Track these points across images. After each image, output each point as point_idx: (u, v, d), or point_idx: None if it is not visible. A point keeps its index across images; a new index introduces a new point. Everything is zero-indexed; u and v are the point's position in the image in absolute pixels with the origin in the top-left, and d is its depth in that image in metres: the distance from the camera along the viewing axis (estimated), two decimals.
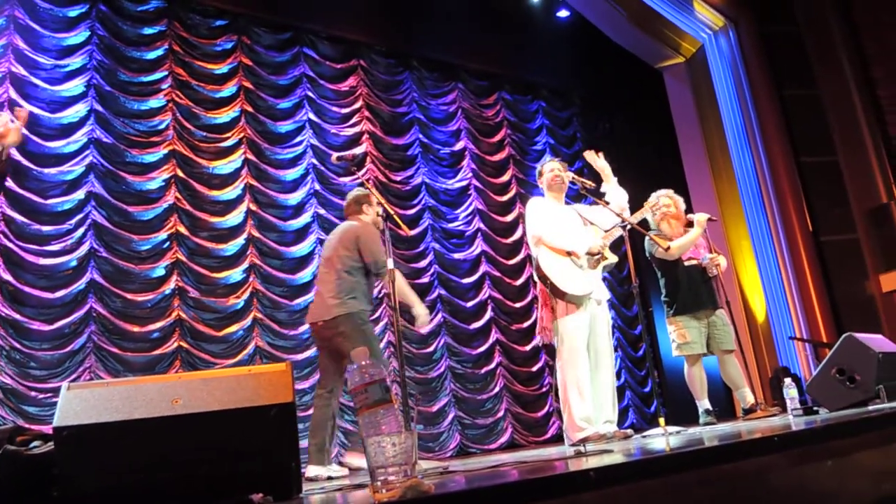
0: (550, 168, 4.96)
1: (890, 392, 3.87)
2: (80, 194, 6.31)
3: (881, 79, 9.11)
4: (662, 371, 9.39)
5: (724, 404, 7.32)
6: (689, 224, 5.65)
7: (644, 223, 5.50)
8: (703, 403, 5.33)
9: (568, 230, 4.72)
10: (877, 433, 2.34)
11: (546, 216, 4.73)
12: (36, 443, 2.05)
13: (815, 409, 4.27)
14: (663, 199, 5.71)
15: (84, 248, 6.22)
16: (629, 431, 4.73)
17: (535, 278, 4.76)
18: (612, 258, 4.80)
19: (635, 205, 5.29)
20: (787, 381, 4.59)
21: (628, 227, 4.92)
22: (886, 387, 3.88)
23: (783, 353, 8.18)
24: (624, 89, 9.89)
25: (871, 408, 3.66)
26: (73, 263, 6.16)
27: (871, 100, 8.99)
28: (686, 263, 5.47)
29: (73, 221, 6.23)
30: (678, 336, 5.41)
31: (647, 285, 9.04)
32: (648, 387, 9.38)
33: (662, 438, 3.76)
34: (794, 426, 2.76)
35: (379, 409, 1.54)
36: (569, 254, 4.59)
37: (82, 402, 1.94)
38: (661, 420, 4.62)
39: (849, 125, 8.81)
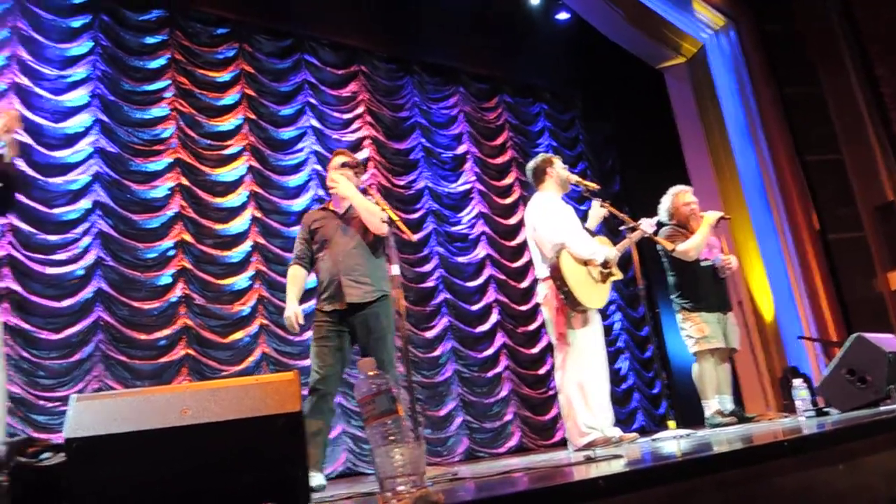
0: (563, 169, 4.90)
1: None
2: (85, 203, 6.32)
3: (884, 76, 9.08)
4: (671, 372, 9.36)
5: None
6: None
7: (658, 225, 5.49)
8: (711, 404, 5.23)
9: (586, 236, 4.70)
10: (889, 434, 2.33)
11: (565, 219, 4.68)
12: (46, 454, 2.05)
13: (826, 410, 4.25)
14: (688, 196, 5.65)
15: (90, 257, 6.22)
16: (635, 435, 4.71)
17: (542, 281, 4.72)
18: (619, 275, 4.79)
19: (645, 204, 5.28)
20: (797, 381, 4.57)
21: (636, 231, 4.92)
22: None
23: (792, 353, 8.13)
24: (625, 90, 9.87)
25: (882, 408, 3.64)
26: (80, 272, 6.16)
27: (875, 97, 8.97)
28: (702, 264, 5.42)
29: (78, 230, 6.24)
30: (696, 331, 5.28)
31: (653, 287, 9.03)
32: (657, 388, 9.35)
33: (673, 442, 3.75)
34: (805, 430, 2.75)
35: (386, 420, 1.54)
36: (586, 263, 4.54)
37: (92, 413, 1.93)
38: (672, 423, 4.61)
39: (853, 123, 8.79)
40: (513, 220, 9.01)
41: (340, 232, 4.17)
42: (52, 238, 6.11)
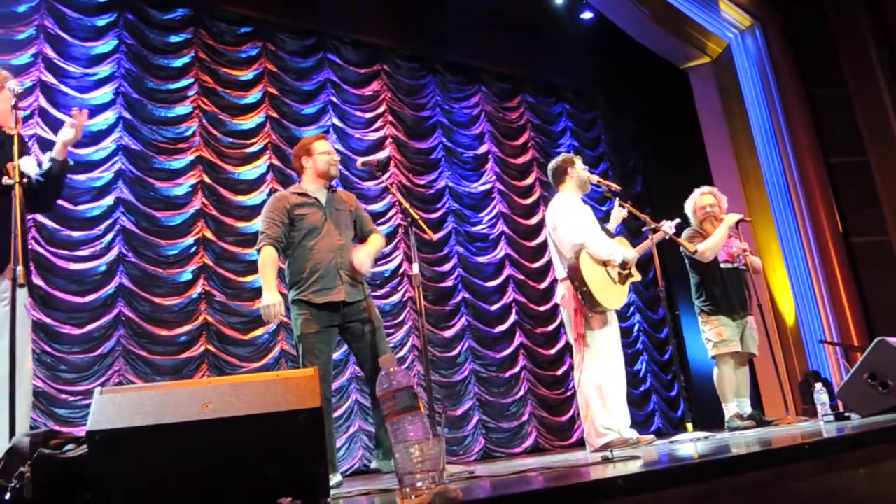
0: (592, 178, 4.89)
1: None
2: (108, 200, 6.39)
3: None
4: (689, 375, 9.31)
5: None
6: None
7: (681, 224, 5.46)
8: (730, 407, 5.21)
9: (605, 237, 4.69)
10: None
11: (584, 220, 4.68)
12: (69, 446, 2.08)
13: (847, 414, 4.21)
14: (707, 199, 5.62)
15: (113, 253, 6.30)
16: (652, 437, 4.70)
17: (560, 281, 4.72)
18: (638, 276, 4.77)
19: (668, 205, 5.25)
20: (818, 385, 4.53)
21: (657, 232, 4.89)
22: None
23: (813, 356, 8.06)
24: (649, 90, 9.83)
25: None
26: (103, 268, 6.24)
27: None
28: (722, 266, 5.39)
29: (102, 227, 6.32)
30: (714, 334, 5.26)
31: (673, 288, 8.97)
32: (675, 391, 9.30)
33: (690, 444, 3.73)
34: (826, 433, 2.73)
35: (407, 416, 1.55)
36: (605, 263, 4.54)
37: (115, 406, 1.95)
38: (689, 425, 4.58)
39: (879, 124, 8.66)
40: (533, 221, 9.00)
41: (332, 224, 3.94)
42: (76, 234, 6.19)
